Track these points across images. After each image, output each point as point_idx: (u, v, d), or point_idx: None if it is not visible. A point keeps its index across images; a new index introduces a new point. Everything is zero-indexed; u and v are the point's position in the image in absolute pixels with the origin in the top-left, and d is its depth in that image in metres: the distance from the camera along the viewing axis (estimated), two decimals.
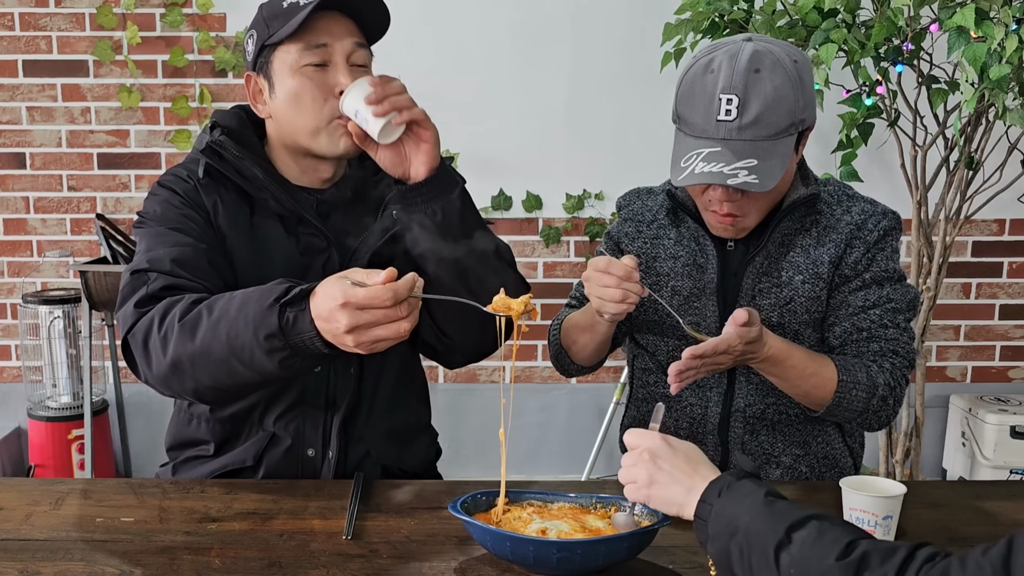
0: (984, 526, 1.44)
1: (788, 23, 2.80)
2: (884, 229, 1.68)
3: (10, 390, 3.75)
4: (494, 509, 1.34)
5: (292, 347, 1.33)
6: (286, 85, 1.56)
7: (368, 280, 1.27)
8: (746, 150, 1.50)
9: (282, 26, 1.53)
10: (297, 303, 1.32)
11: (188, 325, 1.40)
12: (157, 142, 3.62)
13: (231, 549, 1.31)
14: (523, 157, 3.58)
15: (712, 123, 1.51)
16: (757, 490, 1.08)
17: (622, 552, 1.22)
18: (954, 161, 2.93)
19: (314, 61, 1.54)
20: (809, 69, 1.59)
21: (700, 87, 1.54)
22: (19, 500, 1.47)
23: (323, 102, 1.55)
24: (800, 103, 1.52)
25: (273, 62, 1.57)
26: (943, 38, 2.54)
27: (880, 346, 1.64)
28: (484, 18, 3.50)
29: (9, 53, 3.55)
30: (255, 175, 1.58)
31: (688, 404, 1.74)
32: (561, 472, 3.60)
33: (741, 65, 1.51)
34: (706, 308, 1.71)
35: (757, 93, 1.50)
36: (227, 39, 3.53)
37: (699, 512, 1.11)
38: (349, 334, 1.28)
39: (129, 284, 1.51)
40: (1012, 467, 3.34)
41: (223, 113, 1.66)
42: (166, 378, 1.44)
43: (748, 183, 1.50)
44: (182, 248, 1.52)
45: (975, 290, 3.71)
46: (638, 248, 1.79)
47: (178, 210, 1.57)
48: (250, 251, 1.59)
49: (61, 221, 3.66)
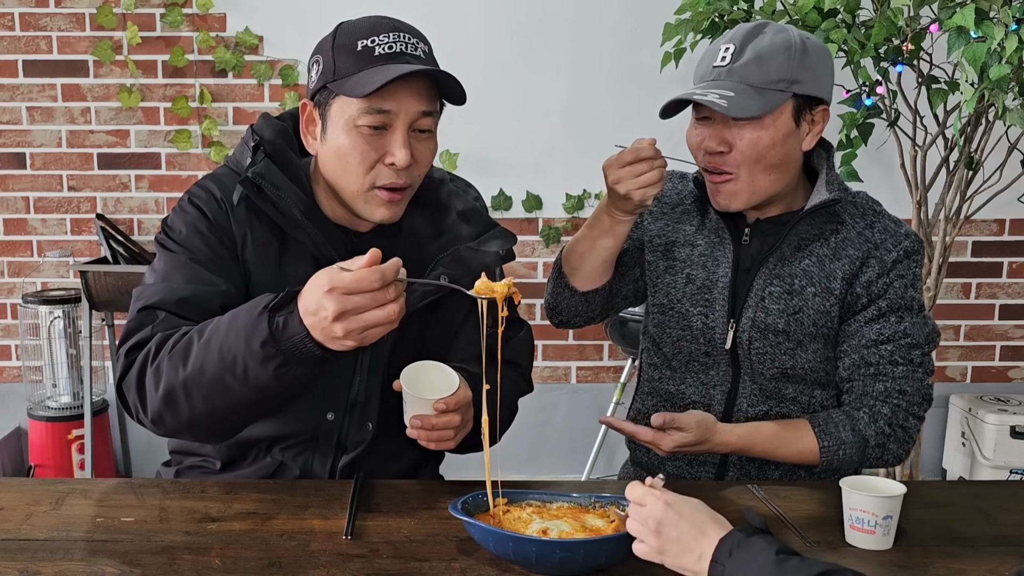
0: (984, 526, 1.44)
1: (788, 23, 2.80)
2: (904, 251, 1.64)
3: (10, 390, 3.75)
4: (493, 509, 1.34)
5: (285, 353, 1.28)
6: (337, 138, 1.47)
7: (351, 266, 1.24)
8: (728, 86, 1.56)
9: (351, 72, 1.44)
10: (286, 306, 1.29)
11: (179, 352, 1.36)
12: (157, 142, 3.62)
13: (231, 549, 1.31)
14: (523, 157, 3.58)
15: (709, 69, 1.60)
16: (768, 547, 1.08)
17: (624, 552, 1.21)
18: (954, 161, 2.93)
19: (373, 124, 1.45)
20: (822, 52, 1.62)
21: (712, 49, 1.62)
22: (19, 500, 1.47)
23: (369, 168, 1.47)
24: (794, 65, 1.56)
25: (331, 106, 1.47)
26: (943, 38, 2.54)
27: (885, 386, 1.62)
28: (484, 18, 3.51)
29: (9, 53, 3.55)
30: (293, 215, 1.49)
31: (691, 402, 1.74)
32: (561, 472, 3.60)
33: (748, 26, 1.60)
34: (716, 302, 1.70)
35: (754, 45, 1.57)
36: (227, 39, 3.52)
37: (712, 573, 1.11)
38: (337, 321, 1.23)
39: (136, 319, 1.46)
40: (1012, 467, 3.34)
41: (269, 124, 1.56)
42: (160, 413, 1.39)
43: (715, 103, 1.53)
44: (197, 287, 1.46)
45: (975, 290, 3.71)
46: (660, 228, 1.80)
47: (203, 238, 1.50)
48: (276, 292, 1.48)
49: (61, 221, 3.66)
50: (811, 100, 1.61)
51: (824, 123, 1.64)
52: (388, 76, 1.40)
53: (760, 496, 1.53)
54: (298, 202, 1.50)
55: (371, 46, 1.44)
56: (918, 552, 1.33)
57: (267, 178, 1.48)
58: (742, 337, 1.68)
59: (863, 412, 1.61)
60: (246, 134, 1.56)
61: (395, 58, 1.44)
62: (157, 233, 1.57)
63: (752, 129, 1.58)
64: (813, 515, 1.45)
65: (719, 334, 1.70)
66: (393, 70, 1.41)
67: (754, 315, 1.66)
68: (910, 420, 1.62)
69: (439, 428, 1.43)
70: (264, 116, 1.60)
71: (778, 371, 1.68)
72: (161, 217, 3.65)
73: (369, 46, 1.44)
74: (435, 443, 1.45)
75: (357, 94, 1.42)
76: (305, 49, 1.57)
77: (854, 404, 1.63)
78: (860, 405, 1.62)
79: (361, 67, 1.44)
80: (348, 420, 1.59)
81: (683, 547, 1.15)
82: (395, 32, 1.46)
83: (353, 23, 1.49)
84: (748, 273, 1.69)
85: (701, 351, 1.73)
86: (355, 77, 1.43)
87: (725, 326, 1.69)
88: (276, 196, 1.48)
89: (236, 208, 1.52)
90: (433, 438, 1.44)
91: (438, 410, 1.41)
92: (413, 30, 1.50)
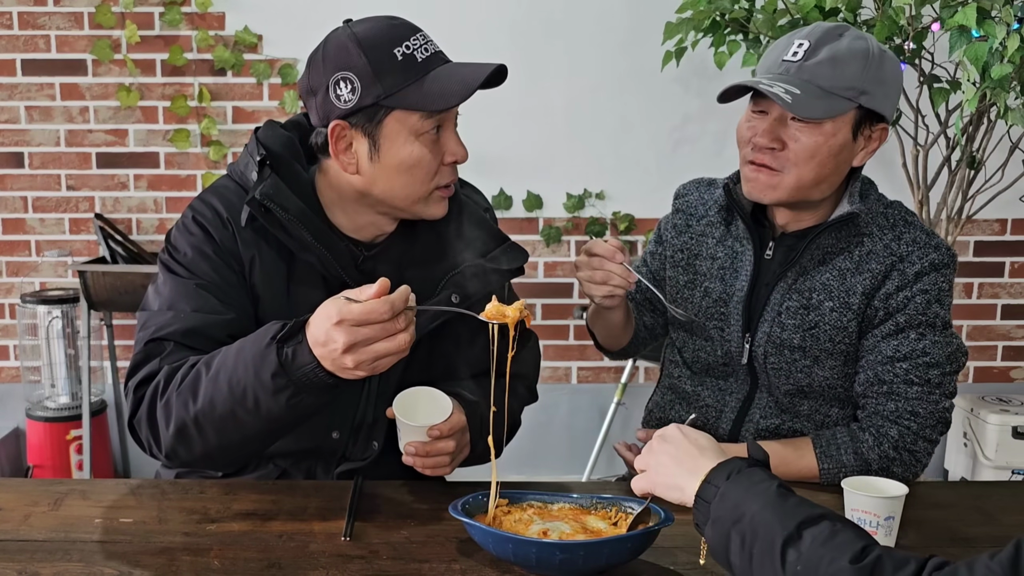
0: (986, 527, 1.43)
1: (789, 22, 2.79)
2: (930, 264, 1.56)
3: (8, 390, 3.74)
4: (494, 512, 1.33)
5: (296, 383, 1.27)
6: (400, 153, 1.43)
7: (360, 297, 1.23)
8: (796, 83, 1.48)
9: (404, 83, 1.39)
10: (294, 336, 1.28)
11: (188, 387, 1.35)
12: (156, 141, 3.61)
13: (230, 550, 1.30)
14: (523, 157, 3.57)
15: (778, 62, 1.53)
16: (769, 480, 1.05)
17: (625, 553, 1.21)
18: (956, 160, 2.92)
19: (434, 126, 1.44)
20: (896, 66, 1.55)
21: (784, 40, 1.56)
22: (17, 501, 1.46)
23: (436, 171, 1.47)
24: (869, 75, 1.49)
25: (386, 123, 1.42)
26: (944, 37, 2.54)
27: (896, 406, 1.56)
28: (484, 18, 3.50)
29: (7, 52, 3.54)
30: (303, 237, 1.45)
31: (704, 405, 1.73)
32: (561, 473, 3.60)
33: (826, 25, 1.54)
34: (731, 316, 1.66)
35: (831, 47, 1.50)
36: (226, 38, 3.52)
37: (702, 492, 1.08)
38: (348, 353, 1.22)
39: (143, 352, 1.43)
40: (1014, 467, 3.33)
41: (275, 135, 1.52)
42: (173, 448, 1.38)
43: (780, 97, 1.45)
44: (204, 316, 1.44)
45: (977, 290, 3.70)
46: (683, 242, 1.75)
47: (210, 262, 1.47)
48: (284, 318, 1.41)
49: (60, 221, 3.66)
50: (873, 115, 1.54)
51: (881, 142, 1.58)
52: (468, 84, 1.40)
53: None
54: (308, 223, 1.45)
55: (409, 53, 1.40)
56: (920, 553, 1.32)
57: (276, 199, 1.42)
58: (757, 352, 1.64)
59: (868, 434, 1.56)
60: (251, 143, 1.51)
61: (435, 59, 1.43)
62: (161, 252, 1.52)
63: (810, 132, 1.51)
64: None
65: (735, 347, 1.67)
66: (459, 76, 1.41)
67: (770, 330, 1.62)
68: (919, 443, 1.55)
69: (433, 454, 1.43)
70: (269, 124, 1.55)
71: (793, 387, 1.64)
72: (160, 217, 3.65)
73: (408, 53, 1.40)
74: (431, 469, 1.45)
75: (438, 107, 1.41)
76: (304, 48, 1.54)
77: (863, 424, 1.58)
78: (868, 425, 1.57)
79: (414, 77, 1.40)
80: (353, 439, 1.59)
81: (677, 460, 1.13)
82: (416, 33, 1.44)
83: (367, 31, 1.42)
84: (767, 287, 1.64)
85: (719, 362, 1.71)
86: (415, 89, 1.40)
87: (741, 340, 1.65)
88: (286, 219, 1.43)
89: (243, 229, 1.48)
90: (429, 464, 1.44)
91: (432, 436, 1.42)
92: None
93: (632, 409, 3.47)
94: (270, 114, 3.57)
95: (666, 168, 3.49)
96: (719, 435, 1.70)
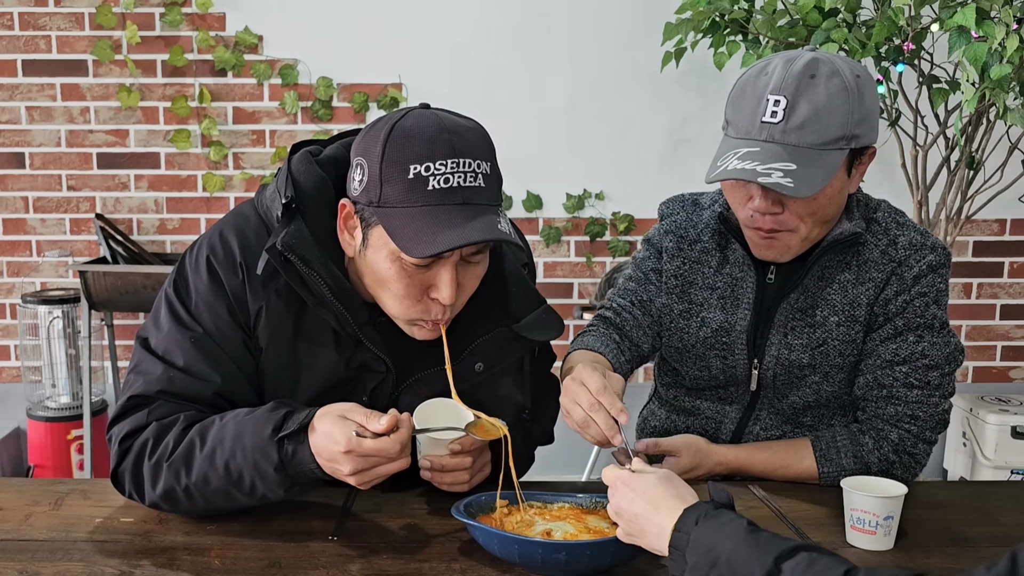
0: (985, 527, 1.43)
1: (789, 23, 2.80)
2: (927, 266, 1.55)
3: (9, 390, 3.75)
4: (494, 512, 1.33)
5: (294, 477, 1.29)
6: (378, 263, 1.32)
7: (369, 425, 1.23)
8: (787, 154, 1.41)
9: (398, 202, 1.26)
10: (296, 436, 1.27)
11: (179, 459, 1.33)
12: (157, 142, 3.61)
13: (231, 549, 1.30)
14: (523, 157, 3.57)
15: (756, 124, 1.43)
16: (738, 519, 1.04)
17: (630, 552, 1.21)
18: (955, 161, 2.92)
19: (419, 264, 1.30)
20: (872, 86, 1.47)
21: (751, 88, 1.45)
22: (18, 500, 1.46)
23: (415, 301, 1.34)
24: (854, 116, 1.42)
25: (375, 231, 1.31)
26: (944, 38, 2.54)
27: (896, 410, 1.55)
28: (484, 18, 3.50)
29: (8, 52, 3.54)
30: (321, 294, 1.35)
31: (704, 417, 1.71)
32: (561, 473, 3.59)
33: (796, 69, 1.42)
34: (735, 344, 1.64)
35: (808, 98, 1.41)
36: (226, 38, 3.52)
37: (675, 542, 1.06)
38: (351, 476, 1.25)
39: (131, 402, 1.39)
40: (1013, 467, 3.33)
41: (309, 171, 1.38)
42: (157, 504, 1.38)
43: (781, 184, 1.39)
44: (191, 380, 1.38)
45: (976, 290, 3.71)
46: (676, 267, 1.69)
47: (212, 313, 1.39)
48: (287, 373, 1.41)
49: (60, 221, 3.66)
50: (863, 148, 1.49)
51: (870, 161, 1.53)
52: (439, 247, 1.24)
53: (760, 496, 1.52)
54: (328, 279, 1.35)
55: (425, 175, 1.26)
56: (919, 553, 1.33)
57: (297, 251, 1.32)
58: (766, 375, 1.63)
59: (869, 438, 1.56)
60: (282, 173, 1.39)
61: (450, 195, 1.26)
62: (172, 273, 1.44)
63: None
64: (813, 515, 1.45)
65: (741, 374, 1.65)
66: (446, 232, 1.25)
67: (778, 353, 1.61)
68: (919, 446, 1.55)
69: (450, 469, 1.40)
70: (305, 157, 1.41)
71: (800, 402, 1.64)
72: (160, 217, 3.66)
73: (423, 175, 1.26)
74: (447, 485, 1.42)
75: (405, 249, 1.26)
76: (304, 48, 1.54)
77: (862, 426, 1.58)
78: (868, 429, 1.57)
79: (411, 200, 1.26)
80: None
81: (641, 528, 1.12)
82: (454, 158, 1.26)
83: (408, 129, 1.28)
84: (770, 312, 1.61)
85: (721, 384, 1.69)
86: (401, 216, 1.27)
87: (748, 367, 1.64)
88: (306, 272, 1.34)
89: (255, 276, 1.38)
90: (447, 480, 1.41)
91: (452, 451, 1.40)
92: (475, 144, 1.30)
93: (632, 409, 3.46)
94: (270, 114, 3.57)
95: (666, 168, 3.50)
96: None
